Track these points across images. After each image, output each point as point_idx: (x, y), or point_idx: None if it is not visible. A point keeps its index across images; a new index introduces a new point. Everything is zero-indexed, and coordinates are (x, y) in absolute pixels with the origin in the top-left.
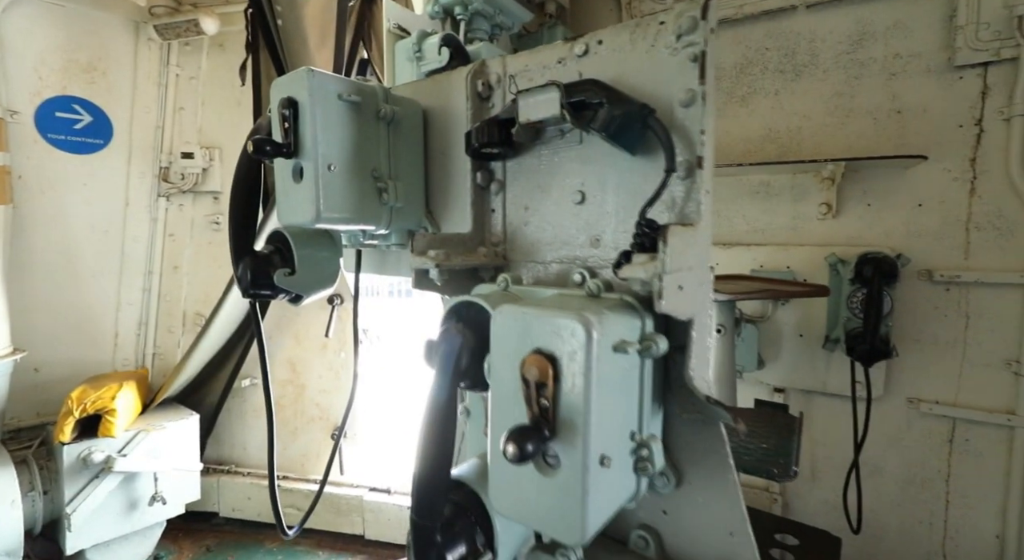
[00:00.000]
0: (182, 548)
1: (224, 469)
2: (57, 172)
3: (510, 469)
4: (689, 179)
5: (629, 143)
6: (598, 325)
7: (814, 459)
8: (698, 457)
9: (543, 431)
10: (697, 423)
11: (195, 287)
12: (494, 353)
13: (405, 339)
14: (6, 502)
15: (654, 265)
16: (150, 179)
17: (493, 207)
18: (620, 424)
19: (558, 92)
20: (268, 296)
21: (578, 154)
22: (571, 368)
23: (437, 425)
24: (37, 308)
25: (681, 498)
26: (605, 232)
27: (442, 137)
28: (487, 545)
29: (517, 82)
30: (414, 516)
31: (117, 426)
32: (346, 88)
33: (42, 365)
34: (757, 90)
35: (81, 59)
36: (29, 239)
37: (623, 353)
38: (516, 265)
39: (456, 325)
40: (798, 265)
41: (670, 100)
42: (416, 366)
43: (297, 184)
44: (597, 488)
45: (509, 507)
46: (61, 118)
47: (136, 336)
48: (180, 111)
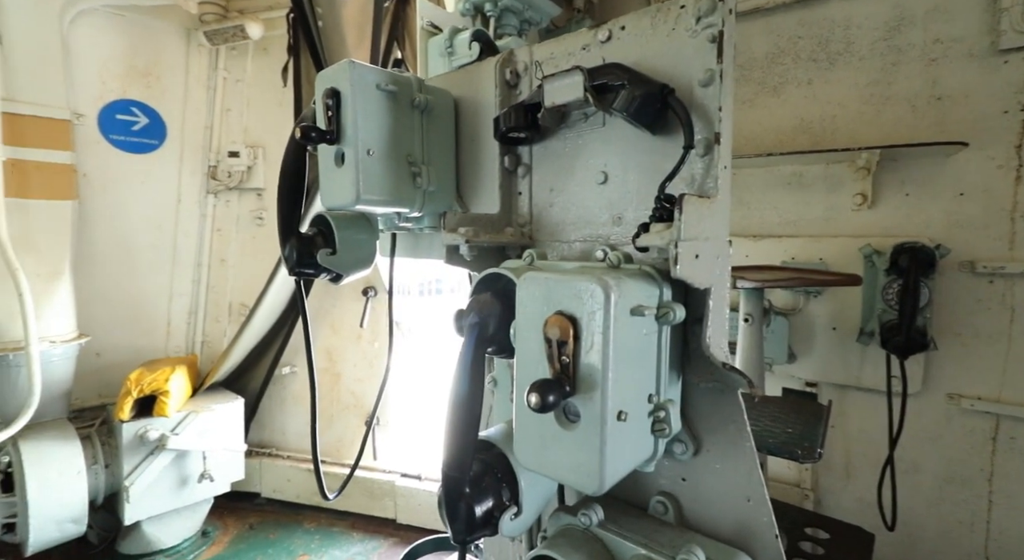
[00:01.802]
0: (227, 525)
1: (266, 452)
2: (117, 170)
3: (534, 424)
4: (708, 156)
5: (649, 122)
6: (616, 288)
7: (848, 455)
8: (716, 425)
9: (564, 385)
10: (715, 392)
11: (240, 279)
12: (519, 316)
13: (434, 333)
14: (72, 473)
15: (670, 232)
16: (200, 177)
17: (520, 190)
18: (638, 385)
19: (582, 76)
20: (311, 275)
21: (601, 136)
22: (590, 328)
23: (466, 384)
24: (99, 297)
25: (699, 465)
26: (627, 210)
27: (472, 124)
28: (512, 500)
29: (543, 68)
30: (445, 468)
31: (170, 406)
32: (384, 78)
33: (103, 350)
34: (789, 80)
35: (139, 65)
36: (92, 233)
37: (640, 316)
38: (541, 244)
39: (484, 295)
40: (831, 257)
41: (690, 80)
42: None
43: (339, 168)
44: (614, 441)
45: (533, 460)
46: (121, 120)
47: (187, 324)
48: (227, 112)
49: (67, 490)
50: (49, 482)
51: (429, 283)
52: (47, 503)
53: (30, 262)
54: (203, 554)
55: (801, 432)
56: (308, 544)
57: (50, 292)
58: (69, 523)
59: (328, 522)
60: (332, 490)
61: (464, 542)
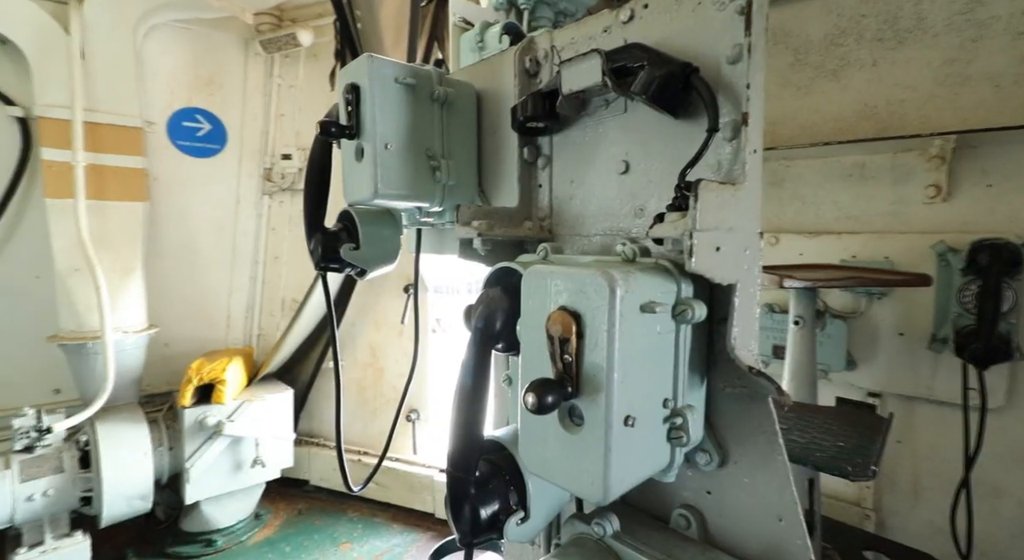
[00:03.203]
0: (278, 509)
1: (314, 441)
2: (183, 174)
3: (538, 427)
4: (735, 140)
5: (671, 105)
6: (622, 282)
7: (917, 474)
8: (744, 435)
9: (566, 386)
10: (743, 398)
11: (291, 276)
12: (524, 312)
13: None
14: (140, 453)
15: (684, 222)
16: (256, 179)
17: (540, 182)
18: (650, 388)
19: (599, 59)
20: (336, 269)
21: (622, 123)
22: (594, 324)
23: (469, 382)
24: (167, 292)
25: (726, 478)
26: (649, 201)
27: (493, 116)
28: (520, 504)
29: (563, 54)
30: (449, 468)
31: (227, 394)
32: (402, 72)
33: (171, 341)
34: (851, 62)
35: (203, 74)
36: (160, 232)
37: (651, 314)
38: (560, 239)
39: (492, 289)
40: (898, 255)
41: (717, 58)
42: None
43: (358, 163)
44: (621, 447)
45: (537, 464)
46: (186, 127)
47: (244, 318)
48: (281, 117)
49: (136, 469)
50: (120, 461)
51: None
52: (118, 480)
53: (106, 259)
54: (256, 535)
55: (854, 446)
56: (351, 532)
57: (124, 286)
58: (137, 499)
59: (370, 512)
60: (376, 487)
61: (470, 544)
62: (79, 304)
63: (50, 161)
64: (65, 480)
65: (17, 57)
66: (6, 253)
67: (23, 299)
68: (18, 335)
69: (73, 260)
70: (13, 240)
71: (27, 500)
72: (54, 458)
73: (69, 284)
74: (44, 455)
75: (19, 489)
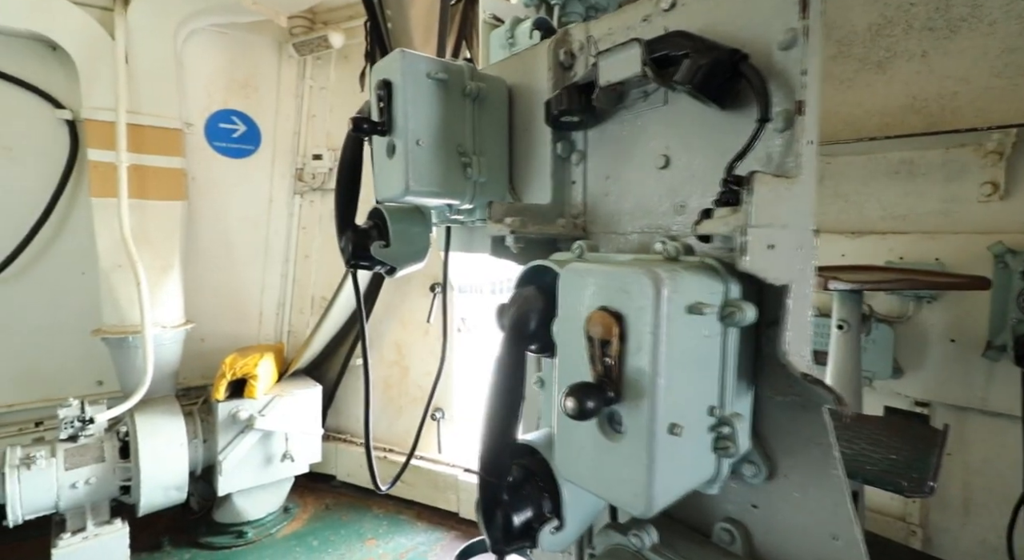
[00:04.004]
0: (306, 503)
1: (341, 437)
2: (219, 174)
3: (575, 432)
4: (788, 131)
5: (718, 96)
6: (669, 281)
7: (969, 489)
8: (795, 447)
9: (606, 390)
10: (794, 407)
11: (321, 274)
12: (560, 312)
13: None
14: (176, 444)
15: (736, 218)
16: (288, 179)
17: (573, 178)
18: (695, 395)
19: (639, 48)
20: (366, 267)
21: (662, 116)
22: (638, 326)
23: (503, 384)
24: (203, 288)
25: (774, 492)
26: (691, 197)
27: (525, 112)
28: (554, 512)
29: (599, 46)
30: (481, 472)
31: (258, 389)
32: (434, 67)
33: (206, 336)
34: (898, 53)
35: (239, 77)
36: (198, 230)
37: (699, 315)
38: (595, 236)
39: (526, 288)
40: (950, 256)
41: (767, 45)
42: None
43: (390, 160)
44: (665, 457)
45: (573, 471)
46: (223, 128)
47: (275, 315)
48: (312, 118)
49: (172, 460)
50: (158, 452)
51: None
52: (156, 470)
53: (146, 256)
54: (284, 528)
55: (907, 460)
56: (376, 529)
57: (163, 282)
58: (173, 490)
59: (396, 509)
60: (402, 484)
61: (501, 552)
62: (121, 299)
63: (96, 161)
64: (106, 469)
65: (66, 62)
66: (54, 250)
67: (70, 294)
68: (65, 328)
69: (116, 257)
70: (61, 238)
71: (71, 487)
72: (96, 448)
73: (112, 280)
74: (87, 444)
75: (64, 477)
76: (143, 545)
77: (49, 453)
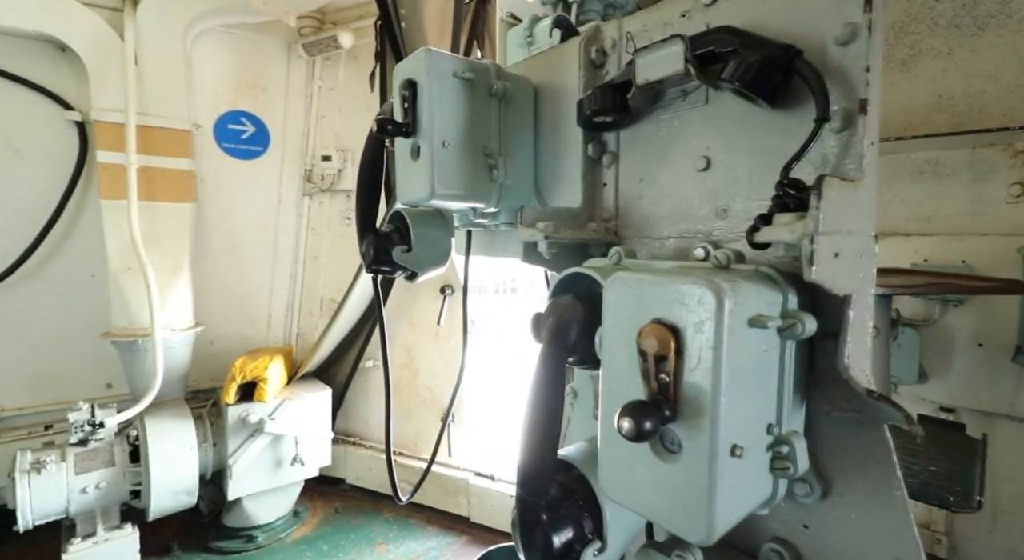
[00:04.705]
0: (315, 507)
1: (350, 440)
2: (228, 175)
3: (623, 451)
4: (846, 131)
5: (769, 94)
6: (731, 293)
7: (995, 497)
8: (852, 465)
9: (663, 409)
10: (851, 424)
11: (330, 276)
12: (607, 324)
13: (508, 331)
14: (186, 448)
15: (803, 225)
16: (297, 180)
17: (604, 181)
18: (754, 413)
19: (682, 45)
20: (387, 272)
21: (703, 116)
22: (697, 340)
23: (544, 398)
24: (212, 290)
25: (828, 511)
26: (735, 201)
27: (552, 112)
28: (596, 532)
29: (636, 41)
30: (520, 490)
31: (268, 393)
32: (460, 66)
33: (215, 338)
34: (923, 51)
35: (247, 78)
36: (207, 232)
37: (761, 329)
38: (628, 241)
39: (564, 297)
40: (977, 258)
41: (820, 40)
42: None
43: (414, 162)
44: (726, 481)
45: (621, 493)
46: (232, 129)
47: (284, 317)
48: (321, 119)
49: (182, 464)
50: (168, 456)
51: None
52: (166, 474)
53: (156, 258)
54: (294, 532)
55: (948, 471)
56: (387, 533)
57: (172, 285)
58: (183, 494)
59: (405, 514)
60: (408, 486)
61: None
62: (131, 302)
63: (105, 163)
64: (116, 473)
65: (75, 63)
66: (63, 253)
67: (79, 297)
68: (74, 331)
69: (125, 259)
70: (70, 240)
71: (81, 492)
72: (106, 452)
73: (121, 282)
74: (97, 449)
75: (74, 481)
76: (153, 550)
77: (59, 458)
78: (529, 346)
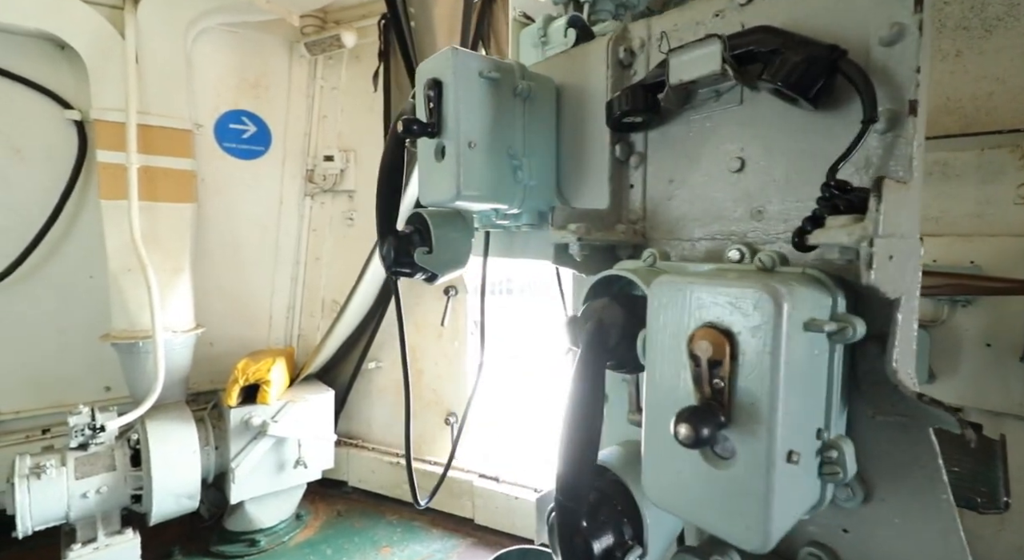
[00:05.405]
0: (318, 510)
1: (353, 443)
2: (229, 175)
3: (671, 457)
4: (891, 132)
5: (812, 95)
6: (788, 297)
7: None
8: (895, 469)
9: (718, 415)
10: (894, 428)
11: (332, 277)
12: (652, 328)
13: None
14: (188, 452)
15: (862, 227)
16: (299, 180)
17: (632, 182)
18: (806, 418)
19: (719, 44)
20: (407, 274)
21: (737, 116)
22: (753, 345)
23: (584, 403)
24: (212, 291)
25: (869, 516)
26: (771, 202)
27: (576, 112)
28: (636, 539)
29: (669, 40)
30: (559, 496)
31: (271, 395)
32: (486, 65)
33: (216, 340)
34: (932, 53)
35: (249, 77)
36: (207, 233)
37: (817, 332)
38: (657, 243)
39: (601, 300)
40: (986, 259)
41: (864, 40)
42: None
43: (439, 163)
44: (783, 487)
45: (668, 499)
46: (233, 129)
47: (285, 319)
48: (323, 119)
49: (184, 467)
50: (169, 459)
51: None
52: (167, 478)
53: (157, 259)
54: (297, 536)
55: (971, 472)
56: (391, 536)
57: (173, 286)
58: (185, 498)
59: (409, 516)
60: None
61: None
62: (131, 303)
63: (105, 163)
64: (117, 478)
65: (75, 61)
66: (62, 253)
67: (77, 298)
68: (72, 333)
69: (126, 260)
70: (68, 240)
71: (82, 497)
72: (107, 456)
73: (121, 284)
74: (98, 453)
75: (74, 486)
76: (154, 555)
77: (59, 462)
78: (529, 344)
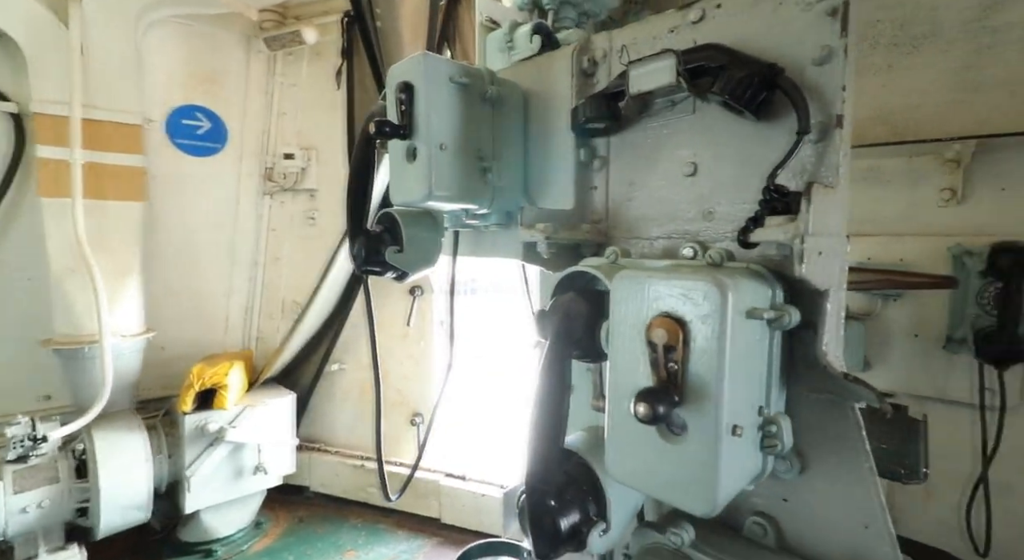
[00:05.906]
0: (278, 517)
1: (315, 447)
2: (182, 173)
3: (630, 436)
4: (822, 142)
5: (755, 107)
6: (733, 288)
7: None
8: (826, 442)
9: (672, 395)
10: (825, 404)
11: (292, 277)
12: (615, 319)
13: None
14: (138, 462)
15: (794, 226)
16: (257, 179)
17: (595, 184)
18: (749, 397)
19: (673, 59)
20: (378, 273)
21: (690, 125)
22: (703, 331)
23: (551, 391)
24: (164, 294)
25: (804, 485)
26: (720, 204)
27: (542, 117)
28: (600, 514)
29: (629, 53)
30: (530, 480)
31: (229, 400)
32: (456, 71)
33: (167, 344)
34: (865, 67)
35: (203, 71)
36: (158, 233)
37: (757, 320)
38: (618, 242)
39: (568, 295)
40: (914, 257)
41: (800, 60)
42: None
43: (410, 164)
44: (728, 458)
45: (629, 475)
46: (186, 124)
47: (243, 321)
48: (282, 116)
49: (134, 478)
50: (118, 470)
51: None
52: (116, 490)
53: (104, 260)
54: (256, 544)
55: (897, 448)
56: (355, 540)
57: (121, 289)
58: (134, 509)
59: (374, 519)
60: (377, 492)
61: (547, 558)
62: (75, 307)
63: (45, 159)
64: (60, 491)
65: (12, 51)
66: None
67: (12, 302)
68: (7, 339)
69: (69, 261)
70: (3, 240)
71: (20, 512)
72: (49, 468)
73: (65, 286)
74: (38, 465)
75: (12, 501)
76: None
77: None
78: (494, 344)
